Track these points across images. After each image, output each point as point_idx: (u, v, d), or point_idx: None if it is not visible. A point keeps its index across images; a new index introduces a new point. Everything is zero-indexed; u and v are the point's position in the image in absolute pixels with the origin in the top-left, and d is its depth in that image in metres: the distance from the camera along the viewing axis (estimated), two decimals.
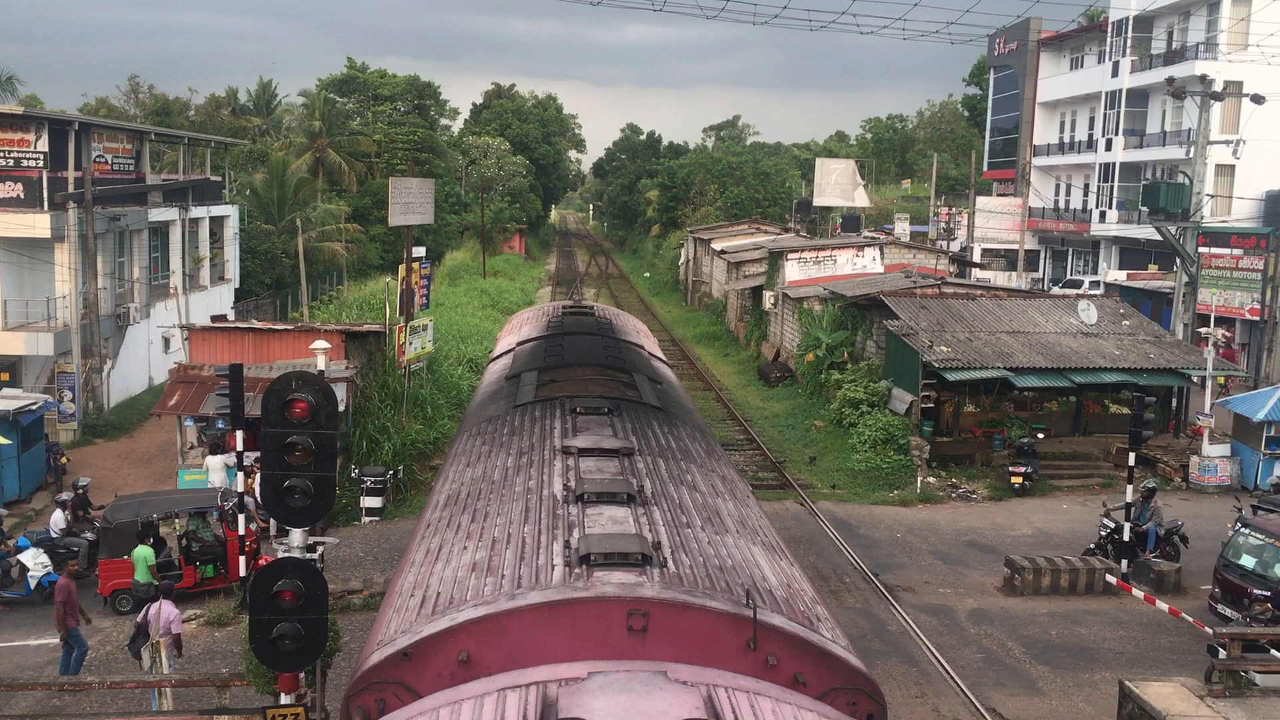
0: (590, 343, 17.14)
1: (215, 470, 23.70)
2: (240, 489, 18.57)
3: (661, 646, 6.96)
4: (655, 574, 7.49)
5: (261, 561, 17.31)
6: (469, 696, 6.19)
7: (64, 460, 27.24)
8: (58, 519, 21.01)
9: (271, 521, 20.36)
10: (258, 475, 18.13)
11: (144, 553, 18.69)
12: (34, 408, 25.70)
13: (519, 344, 18.01)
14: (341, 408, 24.43)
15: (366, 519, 24.19)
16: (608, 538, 8.00)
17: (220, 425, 25.00)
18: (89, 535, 20.63)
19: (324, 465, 9.77)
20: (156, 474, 27.67)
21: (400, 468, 26.09)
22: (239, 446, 18.04)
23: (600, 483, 9.41)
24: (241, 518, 18.37)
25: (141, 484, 26.23)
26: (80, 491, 22.51)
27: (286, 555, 10.05)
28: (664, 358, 20.20)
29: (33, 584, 19.43)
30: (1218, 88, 33.23)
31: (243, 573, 18.40)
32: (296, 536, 10.45)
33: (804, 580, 8.98)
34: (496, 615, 7.09)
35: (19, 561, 19.58)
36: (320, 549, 11.20)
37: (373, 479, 24.38)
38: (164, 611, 15.40)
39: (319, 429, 9.68)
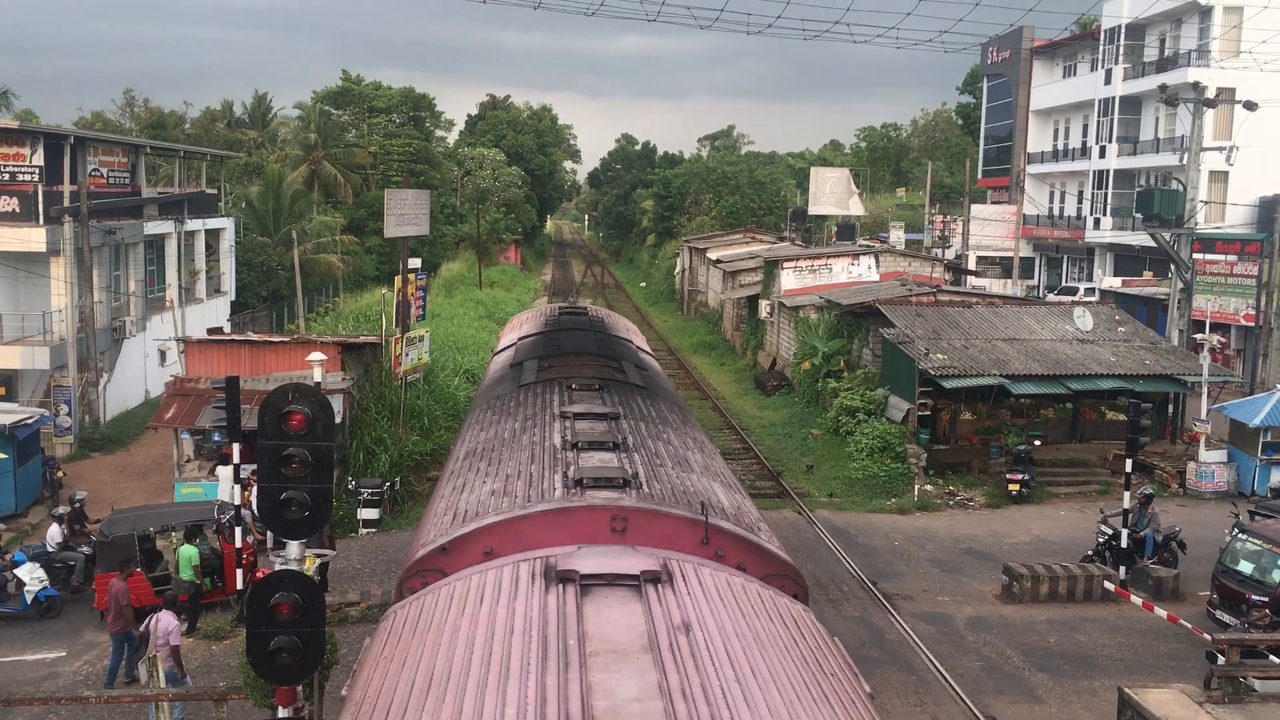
0: (584, 337, 19.32)
1: (226, 480, 23.54)
2: (237, 501, 18.52)
3: (636, 541, 8.93)
4: (633, 493, 9.77)
5: (258, 574, 17.25)
6: (492, 567, 8.37)
7: (60, 474, 27.17)
8: (54, 533, 20.94)
9: (268, 534, 20.30)
10: (254, 488, 18.08)
11: (189, 552, 18.74)
12: (30, 422, 25.65)
13: (520, 339, 20.44)
14: (338, 419, 24.40)
15: (364, 530, 24.14)
16: (597, 468, 10.25)
17: (217, 438, 24.96)
18: (85, 549, 20.56)
19: (321, 477, 9.75)
20: (153, 487, 27.62)
21: (397, 479, 26.05)
22: (235, 459, 18.00)
23: (591, 435, 11.62)
24: (238, 530, 18.31)
25: (138, 497, 26.18)
26: (76, 505, 22.44)
27: (284, 567, 10.03)
28: (649, 350, 22.59)
29: (29, 599, 19.36)
30: (1210, 94, 33.41)
31: (240, 586, 18.35)
32: (294, 549, 10.44)
33: (751, 506, 11.40)
34: (512, 519, 9.39)
35: (15, 576, 19.52)
36: (318, 561, 11.20)
37: (370, 490, 24.33)
38: (163, 622, 15.34)
39: (316, 441, 9.67)
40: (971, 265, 58.01)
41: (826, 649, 7.90)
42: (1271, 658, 14.78)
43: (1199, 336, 29.35)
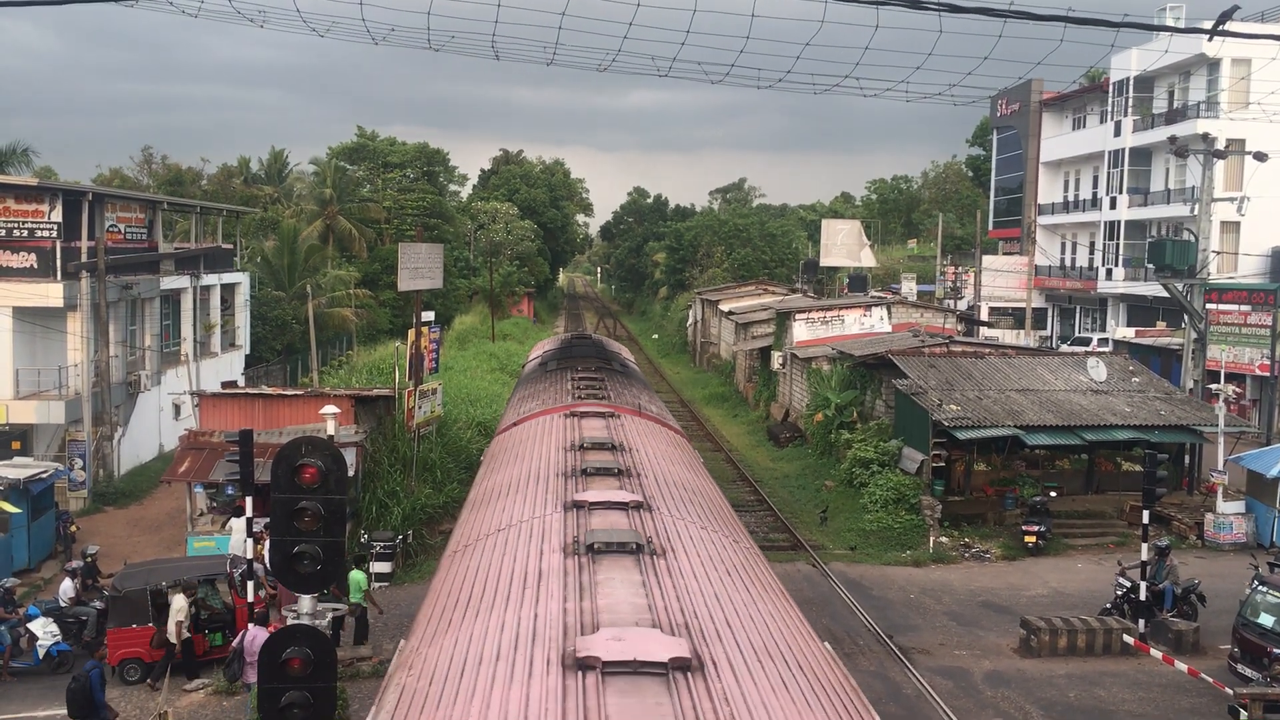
0: (588, 349, 28.97)
1: (239, 531, 23.54)
2: (250, 555, 18.50)
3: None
4: (608, 401, 18.86)
5: (270, 629, 17.22)
6: (539, 418, 17.43)
7: (74, 528, 27.19)
8: (67, 588, 20.93)
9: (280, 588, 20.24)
10: (267, 541, 18.04)
11: (358, 577, 20.35)
12: (44, 476, 25.71)
13: (544, 352, 30.08)
14: (351, 473, 24.38)
15: (376, 584, 24.01)
16: (590, 390, 19.97)
17: (230, 491, 24.96)
18: (98, 604, 20.52)
19: (333, 531, 9.76)
20: (166, 541, 27.59)
21: (410, 532, 25.97)
22: (249, 512, 18.01)
23: (588, 385, 20.98)
24: (250, 585, 18.27)
25: (151, 551, 26.15)
26: (89, 560, 22.44)
27: (296, 622, 9.99)
28: (632, 359, 31.87)
29: (41, 653, 19.30)
30: (1220, 146, 33.51)
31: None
32: (306, 603, 10.40)
33: (669, 415, 22.00)
34: (546, 409, 18.08)
35: (28, 630, 19.48)
36: (330, 615, 11.15)
37: (382, 544, 24.25)
38: (259, 638, 15.73)
39: (328, 494, 9.69)
40: (984, 316, 57.99)
41: (682, 443, 18.57)
42: None
43: (1214, 387, 29.19)
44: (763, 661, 7.48)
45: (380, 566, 24.16)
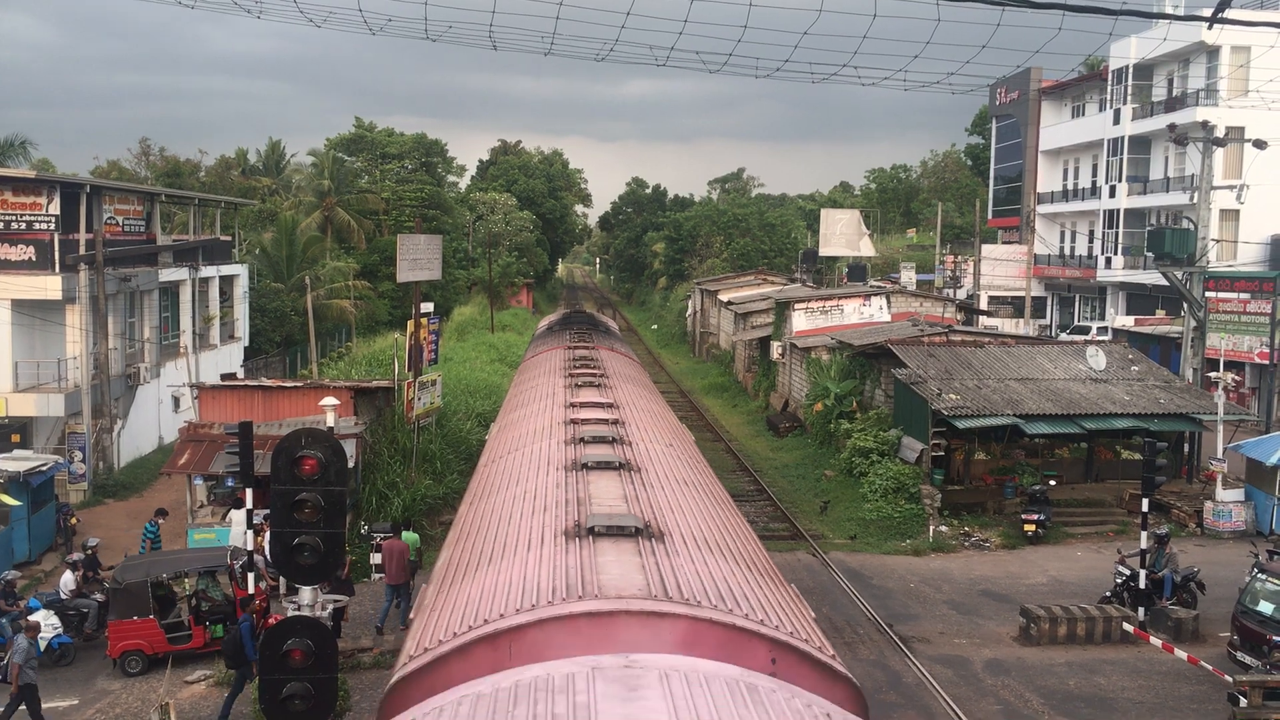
0: (582, 318, 38.35)
1: (239, 523, 23.54)
2: (250, 547, 18.50)
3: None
4: (592, 343, 27.96)
5: (271, 620, 17.21)
6: (547, 353, 26.41)
7: (74, 521, 27.19)
8: (67, 580, 20.94)
9: (281, 580, 20.25)
10: (267, 533, 18.06)
11: (412, 537, 22.20)
12: (44, 469, 25.71)
13: (550, 321, 39.03)
14: (351, 464, 24.39)
15: (376, 576, 24.02)
16: (581, 338, 29.08)
17: (230, 483, 24.97)
18: (99, 596, 20.55)
19: (334, 522, 9.76)
20: (166, 533, 27.50)
21: (410, 523, 25.96)
22: (249, 504, 18.02)
23: (580, 336, 29.49)
24: (251, 576, 18.28)
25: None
26: (90, 552, 22.44)
27: (296, 614, 10.00)
28: (616, 327, 41.07)
29: (42, 646, 19.30)
30: (1219, 133, 33.42)
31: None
32: (306, 594, 10.41)
33: (633, 354, 32.01)
34: (550, 349, 27.12)
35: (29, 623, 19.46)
36: (331, 607, 11.16)
37: (382, 535, 24.24)
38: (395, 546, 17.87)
39: (328, 486, 9.69)
40: (983, 305, 57.99)
41: (636, 363, 28.47)
42: None
43: (1214, 375, 29.20)
44: (643, 410, 17.67)
45: (379, 559, 24.14)
